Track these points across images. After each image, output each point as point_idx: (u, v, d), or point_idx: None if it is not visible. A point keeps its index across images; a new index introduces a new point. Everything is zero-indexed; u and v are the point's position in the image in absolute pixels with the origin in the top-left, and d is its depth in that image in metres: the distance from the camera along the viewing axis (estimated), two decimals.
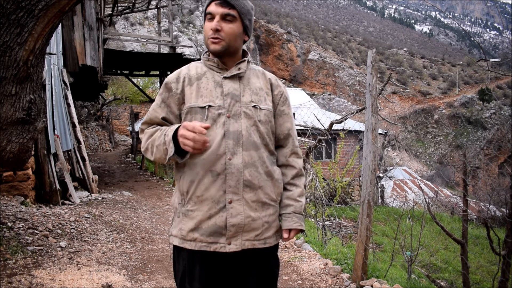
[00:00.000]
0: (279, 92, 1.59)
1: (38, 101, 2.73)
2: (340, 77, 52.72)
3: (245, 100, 1.48)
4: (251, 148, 1.45)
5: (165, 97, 1.51)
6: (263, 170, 1.46)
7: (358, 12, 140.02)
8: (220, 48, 1.47)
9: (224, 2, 1.47)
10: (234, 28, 1.49)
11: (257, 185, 1.45)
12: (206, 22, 1.50)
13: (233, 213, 1.41)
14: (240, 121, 1.45)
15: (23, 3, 2.29)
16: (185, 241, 1.44)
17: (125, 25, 42.08)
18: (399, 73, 55.22)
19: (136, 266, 3.48)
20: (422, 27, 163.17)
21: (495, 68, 22.05)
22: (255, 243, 1.45)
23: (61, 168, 6.14)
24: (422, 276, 5.31)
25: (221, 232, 1.41)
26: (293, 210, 1.53)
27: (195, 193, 1.42)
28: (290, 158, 1.58)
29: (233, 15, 1.48)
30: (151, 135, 1.48)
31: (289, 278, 3.43)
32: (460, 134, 40.51)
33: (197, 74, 1.52)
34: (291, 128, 1.60)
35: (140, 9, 14.09)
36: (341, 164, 11.85)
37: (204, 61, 1.55)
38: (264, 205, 1.47)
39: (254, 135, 1.47)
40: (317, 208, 5.94)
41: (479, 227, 8.25)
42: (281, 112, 1.58)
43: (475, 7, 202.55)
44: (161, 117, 1.50)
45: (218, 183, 1.41)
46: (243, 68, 1.52)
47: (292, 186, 1.57)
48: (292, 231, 1.52)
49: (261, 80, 1.57)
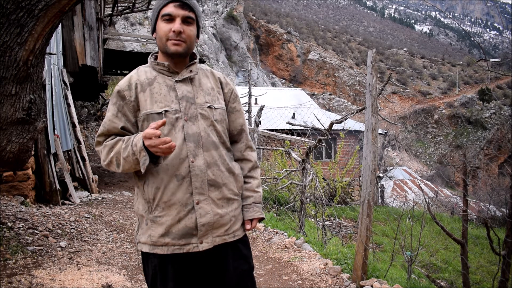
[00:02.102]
0: (229, 90, 1.63)
1: (38, 101, 2.73)
2: (340, 77, 52.71)
3: (200, 102, 1.50)
4: (211, 148, 1.48)
5: (120, 106, 1.48)
6: (224, 168, 1.51)
7: (358, 12, 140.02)
8: (182, 50, 1.47)
9: (184, 4, 1.47)
10: (193, 31, 1.51)
11: (221, 183, 1.49)
12: (162, 23, 1.47)
13: (201, 213, 1.44)
14: (198, 123, 1.48)
15: (23, 3, 2.29)
16: (156, 246, 1.45)
17: (125, 25, 42.06)
18: (399, 73, 55.20)
19: (136, 266, 3.48)
20: (422, 27, 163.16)
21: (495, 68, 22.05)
22: (225, 237, 1.50)
23: (61, 168, 6.14)
24: (422, 276, 5.31)
25: (192, 233, 1.44)
26: (253, 201, 1.59)
27: (162, 199, 1.43)
28: (245, 153, 1.63)
29: (192, 18, 1.49)
30: (112, 147, 1.45)
31: (289, 278, 3.43)
32: (460, 134, 40.50)
33: (147, 79, 1.50)
34: (244, 124, 1.65)
35: (140, 9, 14.07)
36: (341, 164, 11.85)
37: (153, 65, 1.53)
38: (229, 201, 1.52)
39: (212, 135, 1.50)
40: (317, 208, 5.95)
41: (479, 227, 8.25)
42: (232, 109, 1.62)
43: (475, 7, 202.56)
44: (120, 127, 1.48)
45: (184, 186, 1.43)
46: (195, 70, 1.53)
47: (250, 178, 1.62)
48: (254, 220, 1.58)
49: (211, 80, 1.59)
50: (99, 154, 1.51)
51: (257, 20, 56.11)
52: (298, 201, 5.91)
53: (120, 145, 1.43)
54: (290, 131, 11.33)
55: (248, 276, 1.57)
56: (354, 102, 46.61)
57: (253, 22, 54.94)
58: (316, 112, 8.30)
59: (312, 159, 6.97)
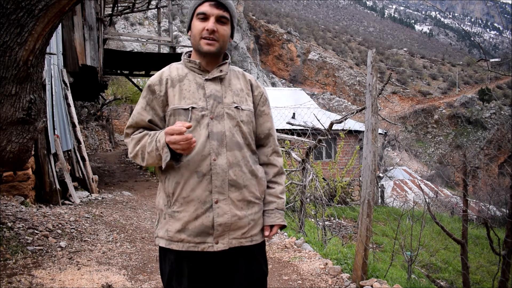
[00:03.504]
0: (259, 93, 1.62)
1: (38, 101, 2.73)
2: (340, 77, 52.71)
3: (227, 101, 1.50)
4: (234, 148, 1.47)
5: (149, 99, 1.51)
6: (247, 169, 1.49)
7: (358, 12, 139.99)
8: (215, 50, 1.48)
9: (219, 4, 1.47)
10: (227, 30, 1.51)
11: (242, 184, 1.47)
12: (197, 21, 1.49)
13: (219, 212, 1.43)
14: (223, 122, 1.47)
15: (23, 3, 2.29)
16: (172, 242, 1.45)
17: (125, 25, 42.09)
18: (399, 73, 55.22)
19: (136, 266, 3.48)
20: (422, 27, 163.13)
21: (495, 68, 22.05)
22: (242, 241, 1.48)
23: (61, 168, 6.14)
24: (422, 276, 5.31)
25: (208, 232, 1.43)
26: (275, 207, 1.57)
27: (181, 195, 1.44)
28: (271, 157, 1.62)
29: (226, 18, 1.49)
30: (139, 140, 1.47)
31: (289, 278, 3.43)
32: (460, 134, 40.51)
33: (178, 76, 1.52)
34: (272, 128, 1.64)
35: (140, 9, 14.07)
36: (341, 164, 11.85)
37: (185, 62, 1.55)
38: (249, 204, 1.50)
39: (237, 135, 1.49)
40: (317, 208, 5.94)
41: (479, 227, 8.24)
42: (261, 112, 1.61)
43: (475, 7, 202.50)
44: (148, 120, 1.50)
45: (204, 183, 1.42)
46: (225, 70, 1.54)
47: (274, 184, 1.60)
48: (275, 227, 1.56)
49: (242, 81, 1.59)
50: (127, 145, 1.53)
51: (257, 20, 56.15)
52: (298, 201, 5.91)
53: (146, 140, 1.45)
54: (290, 131, 11.34)
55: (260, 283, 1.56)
56: (354, 102, 46.63)
57: (253, 22, 54.96)
58: (316, 112, 8.30)
59: (312, 159, 6.96)
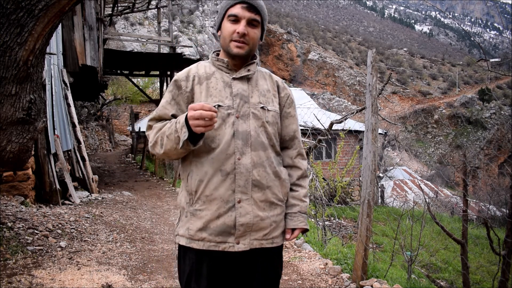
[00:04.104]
0: (286, 95, 1.61)
1: (38, 101, 2.73)
2: (340, 77, 52.71)
3: (254, 101, 1.49)
4: (259, 149, 1.46)
5: (175, 94, 1.50)
6: (271, 170, 1.48)
7: (358, 12, 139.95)
8: (244, 53, 1.47)
9: (251, 6, 1.46)
10: (258, 34, 1.50)
11: (266, 185, 1.46)
12: (228, 23, 1.48)
13: (242, 212, 1.42)
14: (249, 121, 1.46)
15: (23, 3, 2.29)
16: (193, 240, 1.43)
17: (125, 25, 42.07)
18: (399, 73, 55.21)
19: (136, 266, 3.48)
20: (422, 27, 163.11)
21: (495, 68, 22.05)
22: (263, 242, 1.46)
23: (61, 168, 6.14)
24: (422, 276, 5.31)
25: (230, 232, 1.41)
26: (299, 210, 1.55)
27: (204, 193, 1.42)
28: (295, 160, 1.60)
29: (258, 21, 1.48)
30: (160, 128, 1.46)
31: (289, 278, 3.43)
32: (460, 134, 40.51)
33: (206, 73, 1.52)
34: (297, 130, 1.62)
35: (140, 9, 14.08)
36: (341, 164, 11.85)
37: (213, 61, 1.55)
38: (272, 205, 1.48)
39: (262, 135, 1.48)
40: (317, 208, 5.94)
41: (479, 227, 8.24)
42: (287, 114, 1.60)
43: (475, 7, 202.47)
44: (171, 114, 1.48)
45: (227, 182, 1.41)
46: (253, 70, 1.53)
47: (298, 186, 1.59)
48: (296, 230, 1.55)
49: (268, 82, 1.58)
50: (148, 137, 1.50)
51: None
52: None
53: (166, 126, 1.43)
54: None
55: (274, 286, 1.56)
56: (354, 102, 46.61)
57: None
58: (316, 112, 8.31)
59: (312, 159, 6.96)
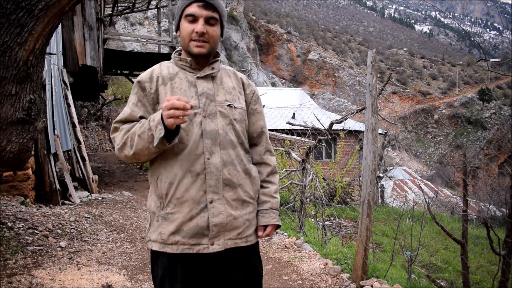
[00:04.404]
0: (251, 91, 1.60)
1: (38, 101, 2.73)
2: (340, 77, 52.72)
3: (220, 100, 1.48)
4: (228, 147, 1.45)
5: (140, 96, 1.47)
6: (241, 168, 1.47)
7: (358, 12, 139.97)
8: (206, 52, 1.46)
9: (208, 4, 1.45)
10: (217, 31, 1.49)
11: (237, 183, 1.45)
12: (185, 23, 1.46)
13: (214, 212, 1.40)
14: (216, 120, 1.45)
15: (23, 3, 2.29)
16: (166, 245, 1.42)
17: (125, 25, 42.06)
18: (399, 73, 55.21)
19: (136, 266, 3.48)
20: (422, 27, 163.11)
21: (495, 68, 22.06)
22: (238, 241, 1.45)
23: (61, 168, 6.14)
24: (422, 276, 5.31)
25: (203, 233, 1.40)
26: (270, 206, 1.55)
27: (175, 195, 1.40)
28: (264, 156, 1.60)
29: (216, 18, 1.47)
30: (128, 129, 1.42)
31: (289, 278, 3.43)
32: (460, 134, 40.51)
33: (169, 74, 1.50)
34: (264, 126, 1.62)
35: (140, 9, 14.07)
36: (341, 164, 11.84)
37: (176, 61, 1.53)
38: (244, 203, 1.48)
39: (231, 133, 1.47)
40: (317, 208, 5.94)
41: (479, 227, 8.23)
42: (253, 110, 1.60)
43: (475, 7, 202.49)
44: (139, 116, 1.45)
45: (198, 183, 1.39)
46: (217, 68, 1.52)
47: (268, 183, 1.59)
48: (269, 227, 1.55)
49: (233, 80, 1.57)
50: (113, 140, 1.47)
51: (257, 20, 56.13)
52: (298, 201, 5.91)
53: (137, 126, 1.40)
54: (290, 131, 11.34)
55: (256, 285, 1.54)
56: (354, 102, 46.60)
57: (253, 22, 54.93)
58: (316, 112, 8.30)
59: (312, 159, 6.97)
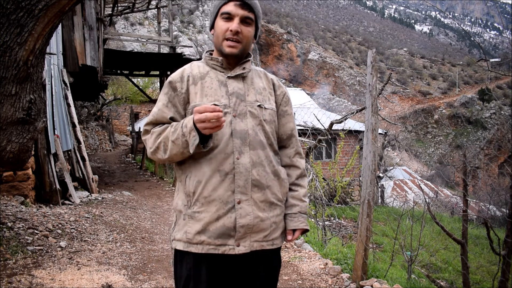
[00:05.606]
0: (282, 93, 1.58)
1: (38, 101, 2.73)
2: (340, 77, 52.73)
3: (250, 100, 1.46)
4: (258, 147, 1.42)
5: (171, 96, 1.46)
6: (270, 170, 1.45)
7: (358, 12, 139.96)
8: (237, 52, 1.44)
9: (245, 4, 1.43)
10: (251, 32, 1.47)
11: (265, 185, 1.42)
12: (221, 21, 1.44)
13: (242, 213, 1.37)
14: (246, 120, 1.43)
15: (23, 3, 2.29)
16: (191, 244, 1.39)
17: (125, 25, 42.07)
18: (399, 73, 55.22)
19: (136, 266, 3.48)
20: (422, 27, 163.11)
21: (495, 68, 22.05)
22: (264, 244, 1.43)
23: (61, 168, 6.14)
24: (422, 276, 5.31)
25: (229, 234, 1.37)
26: (299, 210, 1.52)
27: (202, 194, 1.38)
28: (294, 159, 1.57)
29: (251, 18, 1.45)
30: (159, 133, 1.40)
31: (289, 278, 3.43)
32: (460, 134, 40.52)
33: (200, 73, 1.48)
34: (294, 128, 1.59)
35: (140, 9, 14.08)
36: (341, 164, 11.84)
37: (207, 60, 1.51)
38: (271, 205, 1.45)
39: (260, 134, 1.45)
40: (317, 208, 5.94)
41: (479, 227, 8.24)
42: (284, 112, 1.57)
43: (475, 7, 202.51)
44: (169, 117, 1.43)
45: (226, 183, 1.37)
46: (248, 68, 1.50)
47: (297, 186, 1.55)
48: (297, 231, 1.51)
49: (264, 81, 1.56)
50: (145, 143, 1.45)
51: None
52: None
53: (169, 130, 1.38)
54: None
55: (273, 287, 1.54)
56: (354, 102, 46.61)
57: None
58: (316, 112, 8.30)
59: (312, 159, 6.96)
